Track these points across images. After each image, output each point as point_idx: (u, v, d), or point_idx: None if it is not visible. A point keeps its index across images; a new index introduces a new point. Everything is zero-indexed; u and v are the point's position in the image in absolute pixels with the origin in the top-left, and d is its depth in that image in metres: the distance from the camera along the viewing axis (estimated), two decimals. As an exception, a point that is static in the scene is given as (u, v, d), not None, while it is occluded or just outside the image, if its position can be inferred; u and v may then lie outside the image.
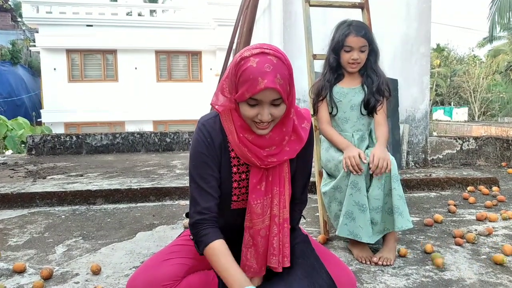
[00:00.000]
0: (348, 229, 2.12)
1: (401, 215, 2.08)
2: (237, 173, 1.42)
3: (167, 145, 6.24)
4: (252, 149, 1.35)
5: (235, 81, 1.27)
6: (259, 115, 1.27)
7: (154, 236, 2.62)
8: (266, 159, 1.36)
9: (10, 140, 8.45)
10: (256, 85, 1.21)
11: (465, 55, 29.07)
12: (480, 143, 4.87)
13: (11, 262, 2.17)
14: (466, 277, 1.97)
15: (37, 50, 15.54)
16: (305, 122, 1.42)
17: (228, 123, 1.37)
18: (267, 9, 4.97)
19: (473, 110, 22.53)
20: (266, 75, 1.21)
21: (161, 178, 3.97)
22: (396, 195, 2.09)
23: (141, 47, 14.96)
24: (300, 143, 1.40)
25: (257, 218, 1.40)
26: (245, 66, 1.24)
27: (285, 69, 1.26)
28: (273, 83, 1.21)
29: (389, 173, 2.09)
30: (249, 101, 1.25)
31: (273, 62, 1.23)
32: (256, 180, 1.39)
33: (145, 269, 1.39)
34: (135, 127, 12.00)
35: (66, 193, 3.40)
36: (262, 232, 1.41)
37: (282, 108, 1.28)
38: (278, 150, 1.37)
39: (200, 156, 1.37)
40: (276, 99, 1.25)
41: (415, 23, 4.37)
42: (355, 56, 2.23)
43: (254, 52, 1.25)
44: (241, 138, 1.35)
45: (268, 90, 1.22)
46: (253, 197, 1.39)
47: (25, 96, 16.90)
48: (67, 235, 2.64)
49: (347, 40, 2.21)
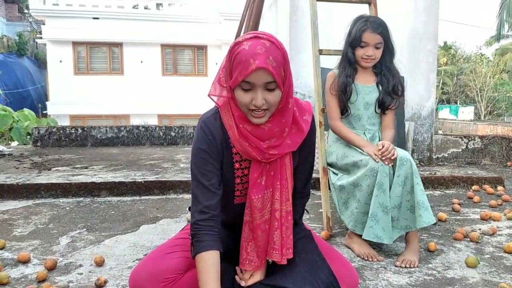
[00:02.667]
0: (373, 232, 2.08)
1: (427, 210, 2.04)
2: (239, 169, 1.42)
3: (171, 139, 6.25)
4: (253, 142, 1.33)
5: (229, 67, 1.27)
6: (253, 100, 1.25)
7: (157, 229, 2.63)
8: (267, 152, 1.34)
9: (16, 132, 8.49)
10: (248, 66, 1.20)
11: (472, 53, 28.85)
12: (485, 142, 4.85)
13: (15, 252, 2.19)
14: (470, 276, 1.97)
15: (43, 42, 15.57)
16: (307, 114, 1.41)
17: (228, 117, 1.35)
18: (274, 4, 4.95)
19: (479, 109, 22.38)
20: (258, 56, 1.20)
21: (165, 171, 3.98)
22: (419, 190, 2.06)
23: (147, 40, 14.95)
24: (301, 135, 1.38)
25: (258, 212, 1.39)
26: (238, 50, 1.24)
27: (279, 53, 1.24)
28: (265, 63, 1.20)
29: (411, 170, 2.07)
30: (243, 85, 1.24)
31: (266, 45, 1.23)
32: (256, 174, 1.38)
33: (148, 261, 1.40)
34: (140, 121, 12.01)
35: (71, 185, 3.42)
36: (262, 226, 1.40)
37: (277, 94, 1.26)
38: (279, 142, 1.35)
39: (201, 153, 1.36)
40: (269, 82, 1.23)
41: (423, 19, 4.34)
42: (369, 53, 2.22)
43: (247, 37, 1.26)
44: (241, 130, 1.33)
45: (260, 71, 1.21)
46: (254, 191, 1.38)
47: (31, 88, 16.95)
48: (71, 226, 2.66)
49: (364, 35, 2.20)
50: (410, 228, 2.13)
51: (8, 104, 12.66)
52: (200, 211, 1.34)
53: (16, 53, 16.99)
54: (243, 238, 1.43)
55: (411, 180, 2.08)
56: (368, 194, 2.11)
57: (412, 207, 2.09)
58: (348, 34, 2.31)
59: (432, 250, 2.25)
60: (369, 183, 2.09)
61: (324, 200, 2.55)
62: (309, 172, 1.55)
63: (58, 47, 14.65)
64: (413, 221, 2.10)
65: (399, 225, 2.15)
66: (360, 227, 2.17)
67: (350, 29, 2.30)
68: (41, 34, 15.30)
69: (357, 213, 2.17)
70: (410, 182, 2.09)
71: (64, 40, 14.55)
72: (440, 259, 2.17)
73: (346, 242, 2.33)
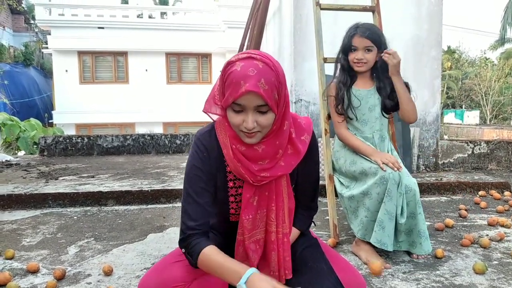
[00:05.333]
0: (376, 237, 2.11)
1: (427, 239, 2.16)
2: (233, 188, 1.39)
3: (177, 147, 6.28)
4: (245, 164, 1.31)
5: (222, 86, 1.25)
6: (244, 122, 1.22)
7: (164, 238, 2.64)
8: (259, 174, 1.31)
9: (23, 141, 8.57)
10: (238, 89, 1.17)
11: (476, 57, 28.78)
12: (491, 147, 4.83)
13: (24, 262, 2.21)
14: (478, 282, 1.96)
15: (49, 52, 15.71)
16: (305, 135, 1.37)
17: (223, 135, 1.33)
18: (278, 12, 4.98)
19: (484, 113, 22.30)
20: (249, 79, 1.17)
21: (172, 180, 3.99)
22: (421, 219, 2.15)
23: (151, 49, 15.05)
24: (297, 157, 1.35)
25: (247, 232, 1.37)
26: (230, 71, 1.21)
27: (273, 75, 1.20)
28: (255, 87, 1.16)
29: (414, 198, 2.12)
30: (234, 106, 1.22)
31: (258, 66, 1.19)
32: (249, 194, 1.35)
33: (156, 271, 1.40)
34: (145, 129, 12.08)
35: (78, 194, 3.44)
36: (252, 246, 1.39)
37: (269, 116, 1.22)
38: (272, 164, 1.32)
39: (195, 170, 1.33)
40: (261, 105, 1.20)
41: (426, 26, 4.35)
42: (359, 56, 2.28)
43: (241, 57, 1.22)
44: (234, 151, 1.31)
45: (250, 94, 1.17)
46: (245, 211, 1.36)
47: (37, 98, 17.11)
48: (79, 236, 2.68)
49: (353, 40, 2.28)
50: (400, 248, 2.22)
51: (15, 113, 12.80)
52: (191, 228, 1.31)
53: (23, 63, 17.18)
54: (237, 256, 1.41)
55: (414, 208, 2.14)
56: (378, 202, 2.12)
57: (408, 231, 2.18)
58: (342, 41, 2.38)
59: (439, 257, 2.25)
60: (379, 191, 2.10)
61: (331, 208, 2.56)
62: (315, 186, 1.53)
63: (64, 57, 14.78)
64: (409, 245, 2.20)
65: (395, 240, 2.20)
66: (370, 235, 2.18)
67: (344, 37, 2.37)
68: (47, 44, 15.45)
69: (366, 221, 2.18)
70: (411, 209, 2.14)
71: (69, 50, 14.68)
72: (447, 265, 2.17)
73: (353, 250, 2.33)
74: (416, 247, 2.17)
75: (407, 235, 2.18)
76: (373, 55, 2.29)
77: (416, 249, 2.17)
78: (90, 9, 14.84)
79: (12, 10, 18.74)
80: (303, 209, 1.53)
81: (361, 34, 2.26)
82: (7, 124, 8.87)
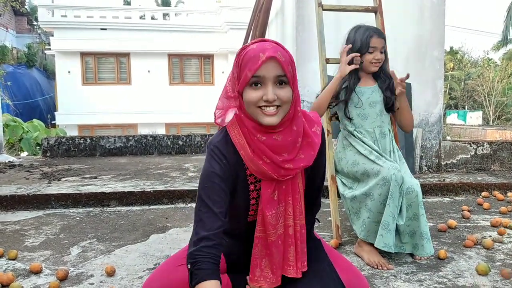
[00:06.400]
0: (383, 240, 2.10)
1: (429, 241, 2.16)
2: (254, 190, 1.39)
3: (179, 148, 6.28)
4: (268, 156, 1.29)
5: (237, 71, 1.27)
6: (264, 95, 1.23)
7: (167, 239, 2.64)
8: (283, 166, 1.30)
9: (26, 142, 8.60)
10: (257, 60, 1.22)
11: (479, 58, 28.71)
12: (494, 148, 4.81)
13: (27, 263, 2.21)
14: (481, 284, 1.95)
15: (52, 53, 15.78)
16: (315, 126, 1.38)
17: (238, 136, 1.32)
18: (280, 13, 4.98)
19: (487, 114, 22.22)
20: (267, 50, 1.23)
21: (174, 180, 4.00)
22: (424, 220, 2.15)
23: (154, 50, 15.09)
24: (314, 148, 1.35)
25: (272, 228, 1.36)
26: (246, 51, 1.26)
27: (286, 52, 1.27)
28: (275, 54, 1.22)
29: (416, 199, 2.12)
30: (253, 80, 1.24)
31: (273, 44, 1.27)
32: (270, 189, 1.34)
33: (160, 273, 1.41)
34: (147, 130, 12.09)
35: (81, 195, 3.45)
36: (276, 242, 1.37)
37: (287, 90, 1.26)
38: (292, 156, 1.32)
39: (213, 177, 1.30)
40: (280, 75, 1.24)
41: (429, 26, 4.35)
42: (378, 56, 2.32)
43: (254, 41, 1.30)
44: (255, 143, 1.29)
45: (271, 62, 1.22)
46: (268, 207, 1.34)
47: (40, 99, 17.17)
48: (82, 236, 2.68)
49: (372, 41, 2.30)
50: (404, 250, 2.21)
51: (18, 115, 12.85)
52: (205, 237, 1.25)
53: (25, 65, 17.25)
54: (255, 254, 1.39)
55: (416, 209, 2.13)
56: (380, 203, 2.12)
57: (412, 232, 2.17)
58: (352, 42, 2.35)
59: (442, 258, 2.24)
60: (381, 192, 2.10)
61: (333, 209, 2.55)
62: (320, 184, 1.54)
63: (67, 58, 14.83)
64: (412, 247, 2.19)
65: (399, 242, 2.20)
66: (372, 236, 2.18)
67: (352, 38, 2.36)
68: (49, 46, 15.51)
69: (369, 222, 2.18)
70: (414, 210, 2.14)
71: (72, 51, 14.73)
72: (450, 267, 2.16)
73: (356, 251, 2.33)
74: (419, 249, 2.16)
75: (410, 237, 2.18)
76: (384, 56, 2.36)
77: (419, 251, 2.17)
78: (92, 11, 14.90)
79: (15, 12, 18.81)
80: (308, 208, 1.53)
81: (379, 35, 2.32)
82: (10, 125, 8.90)
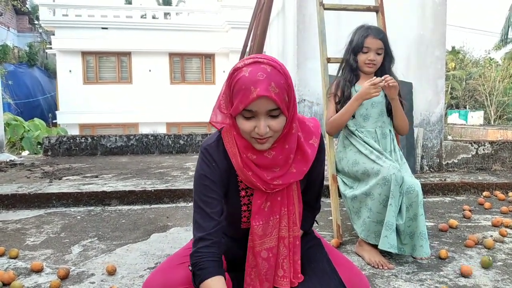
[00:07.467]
0: (388, 241, 2.09)
1: (427, 242, 2.13)
2: (245, 197, 1.38)
3: (180, 147, 6.28)
4: (257, 172, 1.29)
5: (229, 94, 1.22)
6: (256, 128, 1.19)
7: (168, 238, 2.64)
8: (272, 182, 1.29)
9: (27, 141, 8.60)
10: (248, 94, 1.14)
11: (481, 57, 28.65)
12: (496, 148, 4.80)
13: (29, 262, 2.22)
14: (482, 283, 1.95)
15: (53, 52, 15.79)
16: (313, 138, 1.35)
17: (231, 144, 1.31)
18: (281, 12, 4.98)
19: (488, 113, 22.18)
20: (259, 84, 1.14)
21: (175, 180, 4.00)
22: (422, 220, 2.12)
23: (155, 49, 15.09)
24: (307, 163, 1.33)
25: (258, 239, 1.35)
26: (238, 77, 1.18)
27: (281, 78, 1.18)
28: (267, 91, 1.14)
29: (416, 199, 2.11)
30: (244, 113, 1.19)
31: (267, 70, 1.16)
32: (260, 200, 1.33)
33: (160, 272, 1.40)
34: (148, 129, 12.10)
35: (82, 194, 3.45)
36: (263, 253, 1.36)
37: (281, 120, 1.21)
38: (284, 171, 1.30)
39: (204, 179, 1.31)
40: (272, 109, 1.18)
41: (430, 26, 4.34)
42: (371, 57, 2.28)
43: (247, 62, 1.19)
44: (244, 160, 1.29)
45: (262, 99, 1.15)
46: (256, 217, 1.34)
47: (41, 98, 17.18)
48: (83, 235, 2.68)
49: (366, 41, 2.27)
50: (404, 252, 2.18)
51: (19, 114, 12.85)
52: (202, 238, 1.27)
53: (27, 64, 17.25)
54: (248, 263, 1.39)
55: (415, 209, 2.12)
56: (380, 203, 2.12)
57: (412, 233, 2.15)
58: (350, 41, 2.37)
59: (443, 258, 2.24)
60: (381, 192, 2.10)
61: (334, 208, 2.55)
62: (320, 189, 1.54)
63: (68, 57, 14.84)
64: (411, 248, 2.16)
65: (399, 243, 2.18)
66: (373, 236, 2.18)
67: (352, 37, 2.37)
68: (50, 45, 15.51)
69: (369, 222, 2.18)
70: (414, 210, 2.12)
71: (73, 50, 14.74)
72: (451, 266, 2.16)
73: (357, 250, 2.33)
74: (417, 249, 2.13)
75: (410, 238, 2.16)
76: (382, 58, 2.32)
77: (417, 251, 2.13)
78: (93, 10, 14.90)
79: (17, 11, 18.80)
80: (307, 210, 1.53)
81: (375, 35, 2.27)
82: (11, 124, 8.90)
